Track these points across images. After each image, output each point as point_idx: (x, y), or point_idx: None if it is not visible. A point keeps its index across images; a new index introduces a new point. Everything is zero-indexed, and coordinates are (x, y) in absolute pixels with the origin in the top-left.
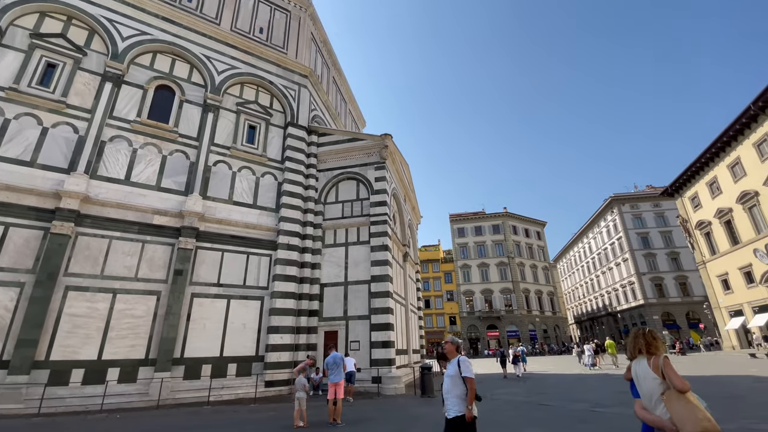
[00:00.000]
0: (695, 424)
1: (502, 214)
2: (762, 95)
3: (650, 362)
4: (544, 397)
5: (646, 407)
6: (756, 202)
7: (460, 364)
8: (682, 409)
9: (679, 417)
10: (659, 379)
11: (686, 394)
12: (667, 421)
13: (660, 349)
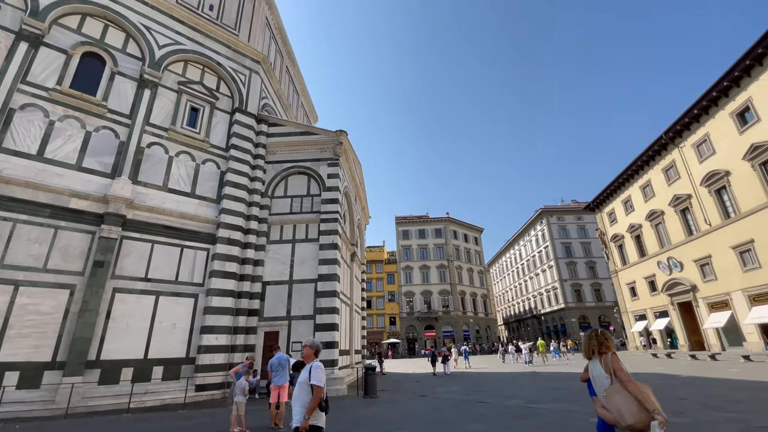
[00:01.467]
0: (633, 415)
1: (445, 219)
2: (672, 127)
3: (602, 361)
4: (482, 395)
5: (603, 405)
6: (661, 220)
7: (312, 371)
8: (620, 402)
9: (618, 409)
10: (609, 376)
11: (628, 386)
12: (612, 415)
13: (611, 348)
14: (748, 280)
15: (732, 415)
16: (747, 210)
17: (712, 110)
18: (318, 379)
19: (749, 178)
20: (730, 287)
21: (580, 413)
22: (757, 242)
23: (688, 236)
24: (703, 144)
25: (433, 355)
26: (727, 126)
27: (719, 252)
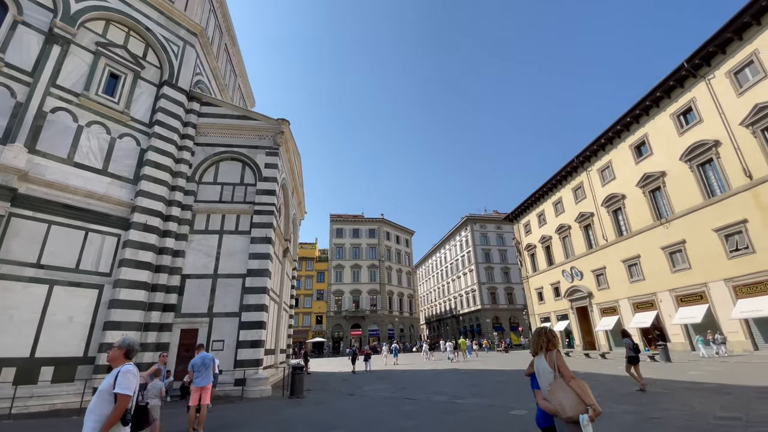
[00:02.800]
0: (573, 408)
1: (379, 220)
2: (582, 152)
3: (547, 357)
4: (409, 392)
5: (545, 398)
6: (568, 233)
7: (118, 377)
8: (562, 396)
9: (560, 402)
10: (553, 372)
11: (570, 383)
12: (554, 406)
13: (557, 346)
14: (633, 290)
15: (628, 407)
16: (636, 229)
17: (615, 141)
18: (125, 386)
19: (640, 203)
20: (618, 295)
21: (499, 407)
22: (642, 257)
23: (589, 249)
24: (606, 170)
25: (354, 354)
26: (627, 156)
27: (612, 264)
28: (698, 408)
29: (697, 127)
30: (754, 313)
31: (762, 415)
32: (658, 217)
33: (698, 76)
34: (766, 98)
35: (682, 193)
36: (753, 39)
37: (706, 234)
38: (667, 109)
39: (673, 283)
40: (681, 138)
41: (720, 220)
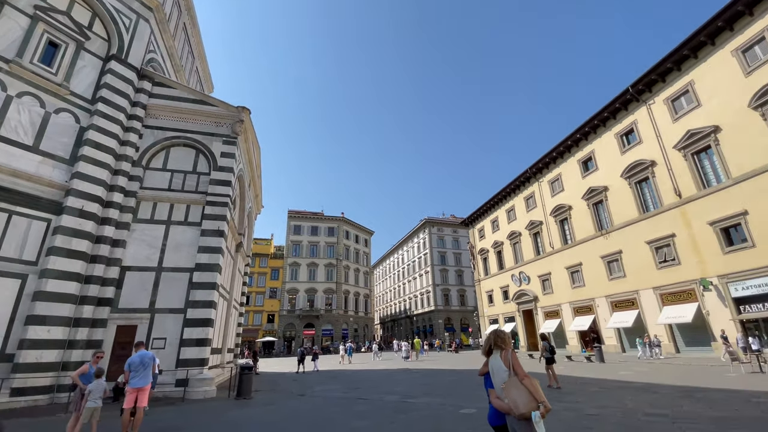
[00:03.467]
0: (526, 405)
1: (339, 218)
2: (535, 164)
3: (502, 356)
4: (361, 392)
5: (498, 396)
6: (519, 240)
7: None
8: (516, 394)
9: (513, 400)
10: (508, 370)
11: (524, 381)
12: (507, 404)
13: (509, 344)
14: (574, 295)
15: (568, 405)
16: (580, 239)
17: (566, 155)
18: None
19: (584, 214)
20: (561, 299)
21: (450, 406)
22: (584, 265)
23: (537, 256)
24: (556, 182)
25: (302, 353)
26: (575, 170)
27: (557, 270)
28: (630, 405)
29: (637, 147)
30: (677, 319)
31: (686, 412)
32: (600, 229)
33: (640, 101)
34: (697, 125)
35: (621, 207)
36: (690, 71)
37: (639, 246)
38: (613, 129)
39: (610, 289)
40: (623, 156)
41: (652, 234)
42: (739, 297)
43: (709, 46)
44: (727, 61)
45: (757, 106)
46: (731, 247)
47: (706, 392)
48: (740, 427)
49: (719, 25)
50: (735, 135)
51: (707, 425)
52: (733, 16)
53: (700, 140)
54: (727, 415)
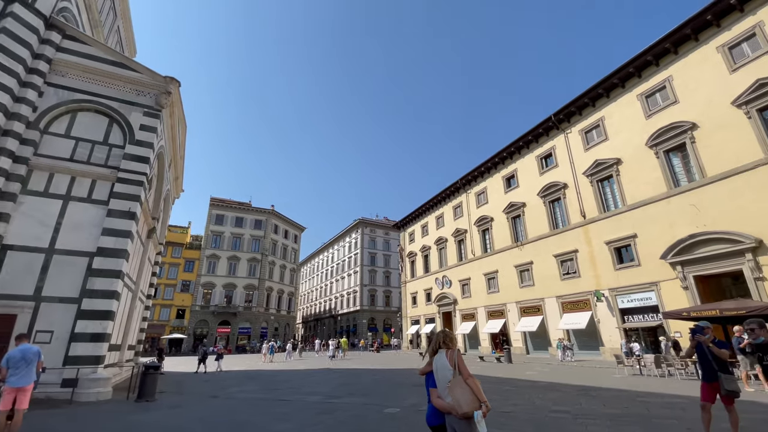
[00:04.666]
0: (469, 404)
1: (269, 211)
2: (464, 176)
3: (447, 355)
4: (280, 393)
5: (440, 395)
6: (445, 245)
7: None
8: (460, 393)
9: (457, 399)
10: (453, 369)
11: (468, 380)
12: (452, 404)
13: (455, 344)
14: (489, 300)
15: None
16: (498, 248)
17: (492, 171)
18: None
19: (503, 226)
20: (477, 303)
21: (374, 405)
22: (500, 273)
23: (459, 261)
24: (482, 194)
25: (204, 353)
26: (499, 185)
27: (476, 276)
28: (537, 403)
29: (553, 170)
30: (573, 326)
31: (584, 409)
32: (516, 240)
33: (560, 129)
34: (604, 156)
35: (535, 222)
36: (602, 107)
37: (548, 258)
38: (534, 151)
39: (520, 296)
40: (541, 177)
41: (559, 248)
42: (624, 308)
43: (620, 88)
44: (633, 103)
45: (652, 145)
46: (621, 264)
47: (599, 391)
48: (630, 423)
49: (629, 70)
50: (632, 168)
51: (604, 421)
52: (641, 64)
53: (605, 170)
54: (619, 412)
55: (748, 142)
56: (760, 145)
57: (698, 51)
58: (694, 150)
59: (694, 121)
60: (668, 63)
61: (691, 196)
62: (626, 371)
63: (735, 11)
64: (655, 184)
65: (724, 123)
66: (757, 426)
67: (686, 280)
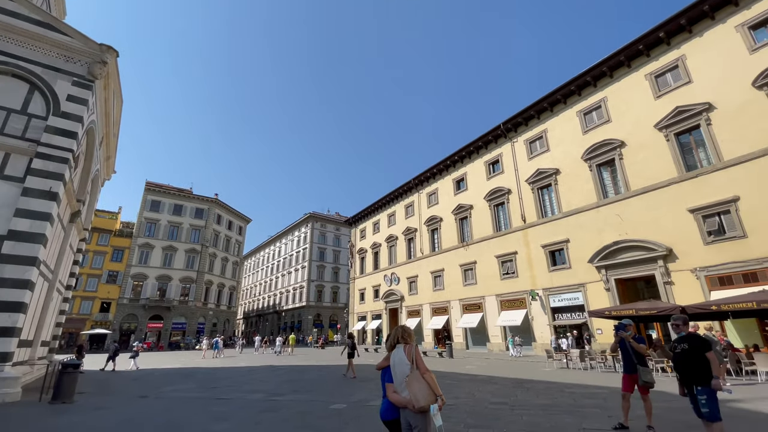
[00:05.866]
0: (425, 398)
1: (212, 200)
2: (417, 177)
3: (405, 350)
4: (219, 391)
5: (396, 390)
6: (395, 243)
7: None
8: (417, 388)
9: (414, 393)
10: (410, 364)
11: (425, 375)
12: (408, 398)
13: (413, 339)
14: (434, 297)
15: None
16: (445, 248)
17: (444, 173)
18: None
19: (451, 227)
20: (423, 300)
21: (320, 402)
22: (445, 271)
23: (408, 259)
24: (433, 195)
25: (115, 350)
26: (450, 187)
27: (423, 274)
28: (477, 395)
29: (499, 176)
30: (510, 322)
31: (520, 400)
32: (462, 240)
33: (507, 137)
34: (545, 166)
35: (481, 224)
36: (546, 120)
37: (490, 259)
38: (483, 157)
39: (463, 294)
40: (488, 182)
41: (501, 250)
42: (555, 307)
43: (562, 104)
44: (572, 119)
45: (587, 159)
46: (555, 266)
47: (532, 383)
48: (560, 413)
49: (571, 88)
50: (569, 178)
51: (537, 411)
52: (582, 83)
53: (545, 178)
54: (550, 402)
55: (665, 161)
56: (675, 165)
57: (630, 77)
58: (621, 166)
59: (623, 140)
60: (604, 85)
61: (616, 206)
62: (555, 365)
63: (663, 44)
64: (587, 194)
65: (647, 143)
66: (664, 413)
67: (609, 283)
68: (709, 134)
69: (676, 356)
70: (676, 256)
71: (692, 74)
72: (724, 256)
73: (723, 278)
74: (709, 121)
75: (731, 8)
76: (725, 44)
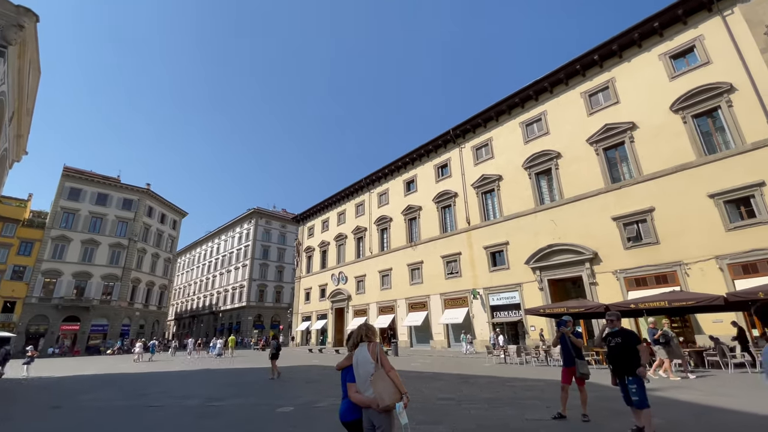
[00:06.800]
0: (390, 397)
1: (143, 190)
2: (368, 176)
3: (369, 348)
4: (149, 399)
5: (359, 390)
6: (344, 242)
7: None
8: (382, 386)
9: (379, 392)
10: (375, 363)
11: (390, 373)
12: (373, 398)
13: (376, 338)
14: (381, 296)
15: None
16: (394, 247)
17: (395, 174)
18: None
19: (401, 227)
20: (370, 299)
21: (265, 405)
22: (393, 270)
23: (357, 258)
24: (384, 195)
25: (4, 355)
26: (400, 188)
27: (371, 273)
28: (425, 392)
29: (447, 179)
30: (453, 320)
31: (466, 394)
32: (410, 241)
33: (456, 143)
34: (489, 172)
35: (429, 225)
36: (492, 129)
37: (436, 259)
38: (433, 160)
39: (409, 293)
40: (437, 184)
41: (446, 250)
42: (494, 305)
43: (507, 114)
44: (516, 129)
45: (527, 167)
46: (495, 267)
47: (475, 379)
48: (503, 405)
49: (516, 100)
50: (510, 185)
51: (482, 405)
52: (525, 97)
53: (489, 184)
54: (493, 396)
55: (594, 173)
56: (602, 177)
57: (568, 93)
58: (557, 175)
59: (560, 151)
60: (545, 99)
61: (551, 212)
62: (494, 360)
63: (597, 66)
64: (526, 200)
65: (580, 156)
66: (596, 402)
67: (542, 283)
68: (632, 151)
69: (611, 349)
70: (600, 260)
71: (620, 95)
72: (640, 260)
73: (639, 279)
74: (632, 139)
75: (656, 38)
76: (650, 70)
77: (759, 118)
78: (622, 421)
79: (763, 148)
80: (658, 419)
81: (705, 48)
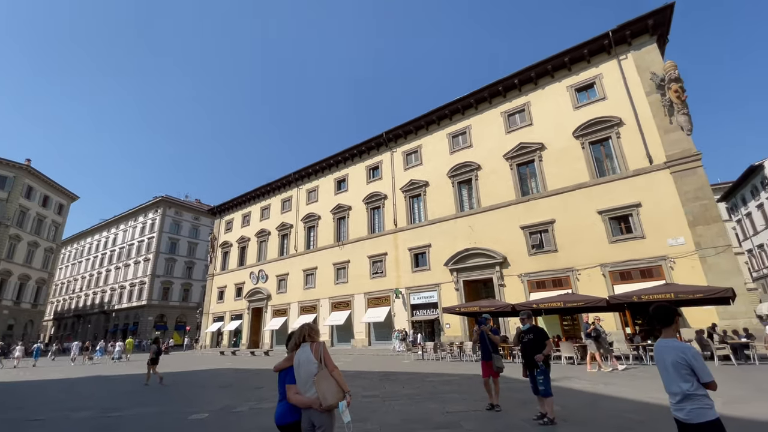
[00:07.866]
0: (334, 396)
1: (21, 166)
2: (298, 171)
3: (312, 348)
4: (28, 412)
5: (299, 391)
6: (267, 239)
7: None
8: (326, 386)
9: (323, 392)
10: (318, 363)
11: (333, 373)
12: (315, 398)
13: (319, 337)
14: (304, 295)
15: None
16: (320, 246)
17: (326, 171)
18: None
19: (329, 225)
20: (292, 299)
21: (174, 413)
22: (318, 269)
23: (281, 256)
24: (313, 192)
25: None
26: (331, 186)
27: (295, 272)
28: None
29: (378, 181)
30: (375, 319)
31: (389, 391)
32: (338, 240)
33: (388, 147)
34: (417, 178)
35: (357, 225)
36: (422, 137)
37: (363, 259)
38: (365, 161)
39: (333, 292)
40: (367, 186)
41: (373, 251)
42: (414, 304)
43: (436, 124)
44: (443, 139)
45: (451, 176)
46: (417, 268)
47: (396, 375)
48: (425, 400)
49: (445, 112)
50: (436, 191)
51: (405, 400)
52: (453, 109)
53: (416, 189)
54: (415, 392)
55: (508, 186)
56: (514, 190)
57: (490, 111)
58: (476, 185)
59: (480, 163)
60: (470, 114)
61: (470, 219)
62: (413, 357)
63: (516, 89)
64: (448, 206)
65: (497, 169)
66: (504, 392)
67: (458, 283)
68: (540, 168)
69: (523, 344)
70: (508, 264)
71: (534, 118)
72: (541, 265)
73: (539, 282)
74: (540, 158)
75: (566, 71)
76: (558, 99)
77: (640, 150)
78: (528, 409)
79: (641, 174)
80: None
81: (603, 85)
